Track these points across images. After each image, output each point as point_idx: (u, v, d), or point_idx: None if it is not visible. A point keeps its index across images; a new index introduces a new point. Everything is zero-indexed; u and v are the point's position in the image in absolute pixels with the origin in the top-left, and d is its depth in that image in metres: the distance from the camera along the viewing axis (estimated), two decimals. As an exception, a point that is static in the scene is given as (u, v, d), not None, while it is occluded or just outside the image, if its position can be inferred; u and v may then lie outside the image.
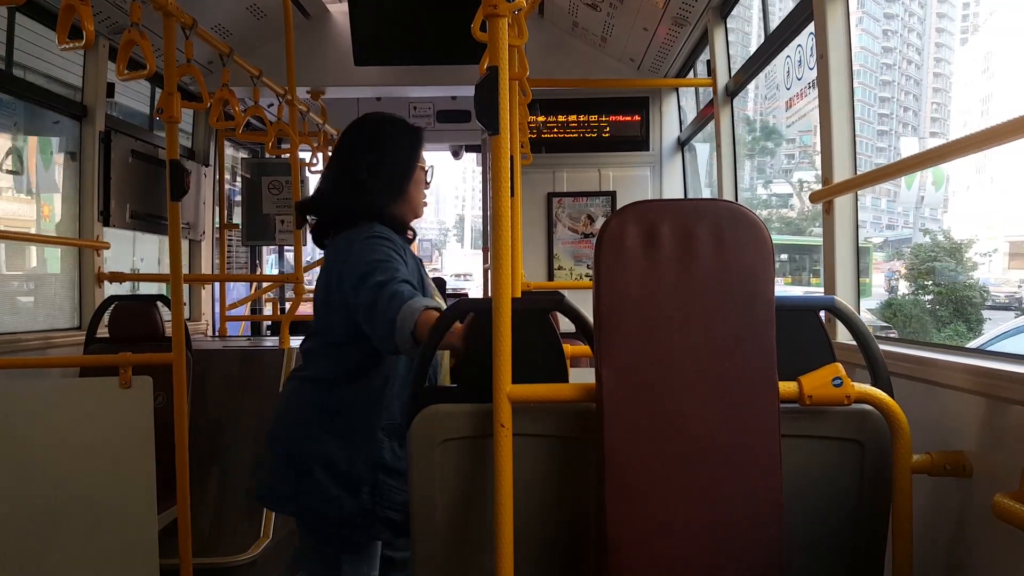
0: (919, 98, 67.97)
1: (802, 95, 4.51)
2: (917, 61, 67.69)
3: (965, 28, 71.58)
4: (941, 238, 25.85)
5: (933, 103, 68.51)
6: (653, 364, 2.11)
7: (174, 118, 3.98)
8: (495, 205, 2.23)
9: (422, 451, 2.36)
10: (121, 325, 5.15)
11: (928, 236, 25.91)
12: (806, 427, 2.33)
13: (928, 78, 69.43)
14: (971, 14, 71.83)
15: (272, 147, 6.46)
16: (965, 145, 2.53)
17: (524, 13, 3.65)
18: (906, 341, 3.24)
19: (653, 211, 2.12)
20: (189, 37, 4.32)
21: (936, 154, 2.84)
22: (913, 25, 67.81)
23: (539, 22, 7.48)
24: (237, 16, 6.78)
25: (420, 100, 8.80)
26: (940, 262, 23.77)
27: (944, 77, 69.81)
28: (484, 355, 2.24)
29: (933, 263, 23.85)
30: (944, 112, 64.71)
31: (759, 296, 2.10)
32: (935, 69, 69.65)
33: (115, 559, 3.84)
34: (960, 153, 2.62)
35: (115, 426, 3.86)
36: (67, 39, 3.46)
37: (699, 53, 6.73)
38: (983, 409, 2.42)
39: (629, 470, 2.10)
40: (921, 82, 68.62)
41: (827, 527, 2.37)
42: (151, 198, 6.42)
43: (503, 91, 2.18)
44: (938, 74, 69.91)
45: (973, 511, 2.44)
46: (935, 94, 69.80)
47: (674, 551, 2.11)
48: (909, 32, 67.02)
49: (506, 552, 2.15)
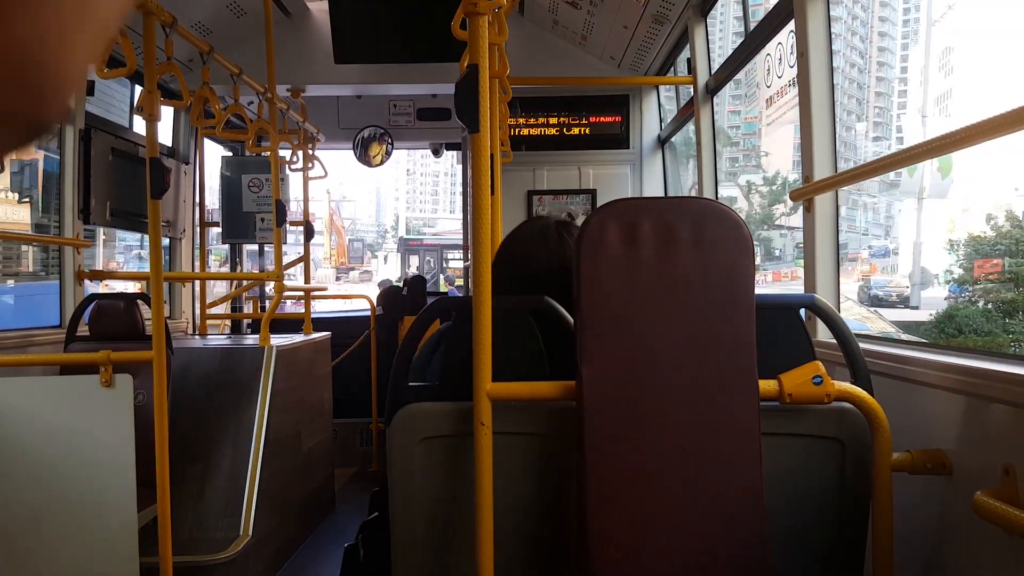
0: (862, 102, 68.10)
1: (782, 92, 4.52)
2: (860, 65, 67.80)
3: (906, 33, 71.82)
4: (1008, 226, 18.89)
5: (876, 107, 68.74)
6: (633, 362, 2.11)
7: (154, 116, 3.97)
8: (476, 203, 2.23)
9: (402, 449, 2.36)
10: (101, 323, 5.14)
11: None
12: (786, 425, 2.33)
13: (871, 81, 69.63)
14: (911, 19, 72.13)
15: (252, 145, 6.44)
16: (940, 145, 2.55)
17: (504, 11, 3.64)
18: (886, 339, 3.25)
19: (633, 209, 2.12)
20: (169, 35, 4.31)
21: (912, 153, 2.85)
22: (856, 28, 67.93)
23: (519, 20, 7.49)
24: (217, 14, 6.76)
25: (400, 98, 8.81)
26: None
27: (887, 81, 70.01)
28: (466, 352, 2.24)
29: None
30: (887, 116, 64.85)
31: (739, 294, 2.10)
32: (877, 73, 69.84)
33: (95, 557, 3.83)
34: (931, 154, 2.64)
35: (95, 424, 3.85)
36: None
37: (679, 51, 6.75)
38: (963, 407, 2.44)
39: (610, 468, 2.10)
40: (864, 86, 68.77)
41: (808, 525, 2.38)
42: (131, 196, 6.40)
43: (483, 89, 2.18)
44: (880, 78, 70.12)
45: (954, 509, 2.45)
46: (877, 98, 70.01)
47: (655, 549, 2.11)
48: (852, 35, 67.16)
49: (486, 550, 2.15)
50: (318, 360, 6.85)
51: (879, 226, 51.27)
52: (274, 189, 6.28)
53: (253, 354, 5.64)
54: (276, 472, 5.52)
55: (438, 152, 9.56)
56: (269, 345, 5.66)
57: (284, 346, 5.85)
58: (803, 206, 3.75)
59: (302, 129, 7.57)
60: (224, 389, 5.49)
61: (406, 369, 2.47)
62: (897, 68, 69.58)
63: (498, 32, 3.59)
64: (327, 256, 48.67)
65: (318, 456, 6.68)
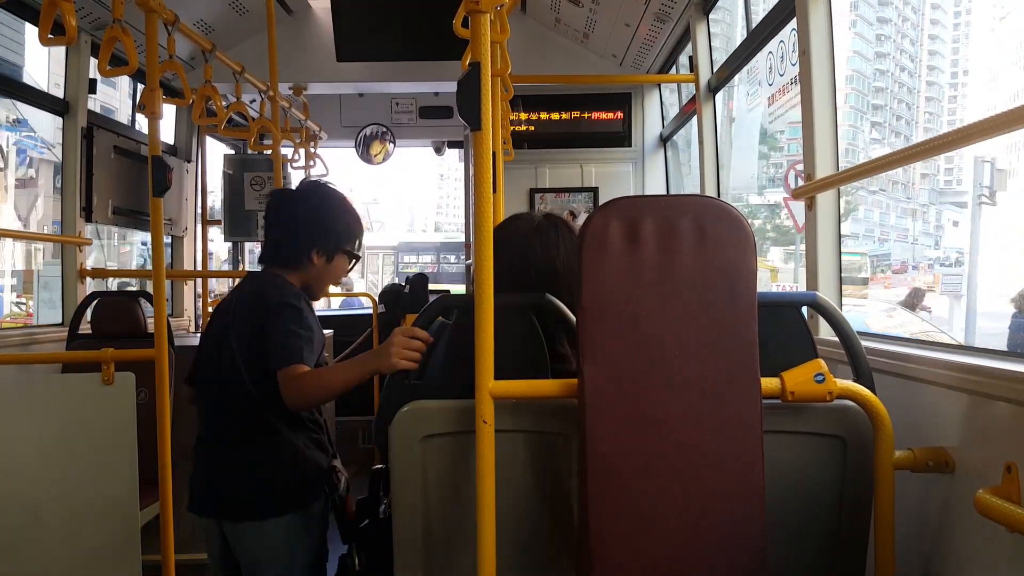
0: (912, 107, 67.79)
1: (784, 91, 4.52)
2: (911, 68, 67.50)
3: (956, 37, 71.54)
4: None
5: (926, 112, 68.49)
6: (635, 360, 2.11)
7: (156, 114, 3.97)
8: (477, 201, 2.23)
9: (404, 447, 2.37)
10: (104, 321, 5.14)
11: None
12: (788, 423, 2.33)
13: (921, 86, 69.31)
14: (962, 23, 71.83)
15: (254, 143, 6.44)
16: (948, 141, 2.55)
17: (506, 9, 3.64)
18: (888, 337, 3.25)
19: (636, 207, 2.12)
20: (171, 33, 4.30)
21: (914, 151, 2.85)
22: (907, 31, 67.60)
23: (521, 18, 7.48)
24: (219, 12, 6.76)
25: (402, 96, 8.80)
26: None
27: (937, 86, 69.79)
28: (467, 352, 2.24)
29: None
30: (937, 122, 64.54)
31: (741, 292, 2.10)
32: (928, 77, 69.60)
33: (98, 556, 3.83)
34: (934, 152, 2.65)
35: (97, 422, 3.85)
36: (49, 35, 3.45)
37: (681, 49, 6.74)
38: (965, 405, 2.43)
39: (611, 466, 2.10)
40: (914, 90, 68.43)
41: (809, 523, 2.38)
42: (133, 194, 6.40)
43: (485, 87, 2.18)
44: (931, 83, 69.89)
45: (955, 507, 2.45)
46: (928, 103, 69.77)
47: (657, 546, 2.11)
48: (903, 38, 66.79)
49: (488, 548, 2.15)
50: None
51: (928, 235, 51.01)
52: (277, 187, 6.27)
53: (255, 352, 5.62)
54: (278, 470, 5.51)
55: (440, 150, 9.56)
56: (271, 343, 5.64)
57: (286, 344, 5.83)
58: (805, 204, 3.76)
59: (304, 127, 7.56)
60: (226, 387, 5.48)
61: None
62: (948, 73, 69.11)
63: (500, 30, 3.58)
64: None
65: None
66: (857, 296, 28.62)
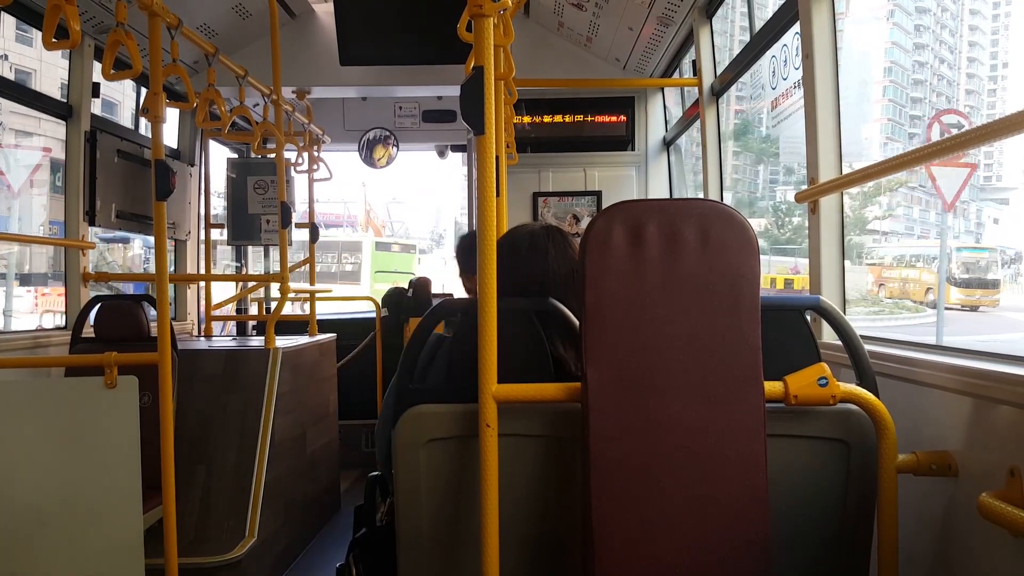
0: (952, 100, 67.38)
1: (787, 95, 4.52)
2: (950, 60, 67.11)
3: (996, 28, 71.14)
4: None
5: (966, 106, 68.17)
6: (638, 364, 2.11)
7: (160, 118, 3.97)
8: (481, 205, 2.23)
9: (407, 451, 2.37)
10: (107, 325, 5.14)
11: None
12: (792, 427, 2.33)
13: (961, 78, 68.92)
14: (1002, 14, 71.48)
15: (258, 147, 6.44)
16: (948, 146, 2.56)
17: (510, 13, 3.65)
18: (891, 341, 3.24)
19: (639, 211, 2.12)
20: (175, 37, 4.31)
21: (918, 155, 2.85)
22: (946, 22, 67.16)
23: (524, 22, 7.50)
24: (223, 16, 6.77)
25: (406, 100, 8.81)
26: None
27: (977, 78, 69.45)
28: (471, 355, 2.24)
29: None
30: (976, 116, 64.07)
31: (744, 296, 2.10)
32: (968, 69, 69.26)
33: (101, 559, 3.83)
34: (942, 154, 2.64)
35: (101, 426, 3.86)
36: (53, 39, 3.46)
37: (685, 53, 6.75)
38: (968, 409, 2.43)
39: (614, 469, 2.10)
40: (954, 83, 68.02)
41: (813, 527, 2.38)
42: (137, 198, 6.41)
43: (488, 91, 2.18)
44: (971, 75, 69.56)
45: (959, 510, 2.45)
46: (968, 96, 69.43)
47: (660, 550, 2.11)
48: (942, 29, 66.35)
49: (492, 551, 2.15)
50: (323, 362, 6.85)
51: (969, 233, 50.61)
52: (280, 191, 6.27)
53: (258, 356, 5.64)
54: (281, 474, 5.52)
55: (443, 154, 9.56)
56: (274, 347, 5.66)
57: (289, 348, 5.85)
58: (808, 208, 3.76)
59: (307, 131, 7.57)
60: (229, 391, 5.49)
61: (411, 371, 2.48)
62: (987, 65, 68.52)
63: (503, 34, 3.59)
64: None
65: (323, 458, 6.68)
66: (987, 303, 26.73)
